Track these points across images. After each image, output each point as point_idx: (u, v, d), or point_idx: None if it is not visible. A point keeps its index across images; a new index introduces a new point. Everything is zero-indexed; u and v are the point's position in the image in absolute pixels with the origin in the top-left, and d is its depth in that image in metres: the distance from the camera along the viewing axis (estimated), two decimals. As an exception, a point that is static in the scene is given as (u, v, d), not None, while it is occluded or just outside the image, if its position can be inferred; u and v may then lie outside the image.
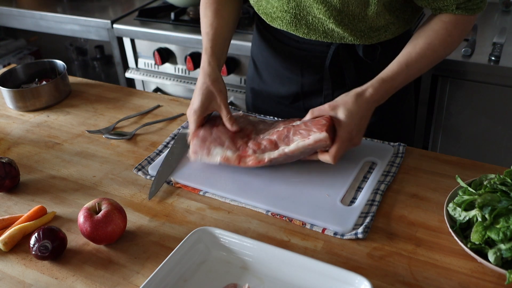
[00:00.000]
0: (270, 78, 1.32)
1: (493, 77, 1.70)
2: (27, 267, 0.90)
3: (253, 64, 1.37)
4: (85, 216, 0.90)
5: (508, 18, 2.00)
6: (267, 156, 1.03)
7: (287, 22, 1.15)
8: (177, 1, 2.23)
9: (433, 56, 1.06)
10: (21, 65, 1.52)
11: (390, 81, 1.03)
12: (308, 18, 1.12)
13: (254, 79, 1.38)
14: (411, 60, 1.04)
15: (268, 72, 1.32)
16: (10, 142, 1.28)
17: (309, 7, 1.09)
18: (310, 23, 1.13)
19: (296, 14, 1.12)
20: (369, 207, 0.96)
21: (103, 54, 2.88)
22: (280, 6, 1.13)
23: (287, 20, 1.15)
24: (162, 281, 0.81)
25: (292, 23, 1.15)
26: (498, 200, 0.82)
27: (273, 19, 1.18)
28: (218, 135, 1.08)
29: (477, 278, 0.82)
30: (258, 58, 1.34)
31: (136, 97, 1.45)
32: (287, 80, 1.28)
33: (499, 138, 1.80)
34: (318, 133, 0.97)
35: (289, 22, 1.15)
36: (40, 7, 2.53)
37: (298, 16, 1.12)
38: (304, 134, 0.99)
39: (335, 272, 0.79)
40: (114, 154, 1.20)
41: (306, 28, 1.14)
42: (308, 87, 1.26)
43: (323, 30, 1.13)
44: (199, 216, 0.99)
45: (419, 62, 1.04)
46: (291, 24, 1.15)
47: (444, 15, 1.05)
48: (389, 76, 1.03)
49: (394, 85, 1.04)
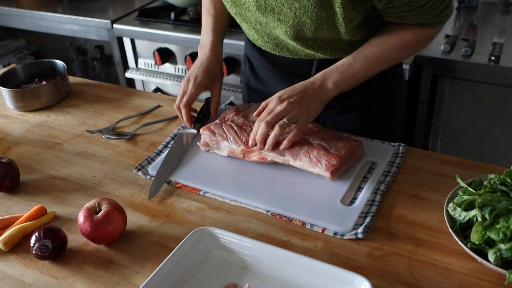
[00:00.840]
0: (265, 77, 1.34)
1: (493, 77, 1.70)
2: (27, 267, 0.90)
3: (248, 62, 1.39)
4: (85, 216, 0.90)
5: (508, 18, 2.00)
6: (271, 157, 1.05)
7: (270, 48, 1.22)
8: (177, 1, 2.23)
9: (384, 57, 1.08)
10: (21, 65, 1.52)
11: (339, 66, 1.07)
12: (288, 47, 1.18)
13: (249, 77, 1.40)
14: (360, 54, 1.08)
15: (262, 72, 1.35)
16: (10, 142, 1.28)
17: (285, 41, 1.15)
18: (291, 49, 1.18)
19: (276, 44, 1.19)
20: (369, 207, 0.96)
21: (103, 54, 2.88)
22: (260, 37, 1.20)
23: (270, 48, 1.22)
24: (162, 281, 0.80)
25: (275, 50, 1.22)
26: (498, 200, 0.82)
27: (257, 42, 1.25)
28: (227, 129, 1.11)
29: (477, 278, 0.82)
30: (251, 56, 1.37)
31: (136, 97, 1.45)
32: (281, 79, 1.30)
33: (499, 138, 1.80)
34: (324, 169, 1.00)
35: (271, 49, 1.22)
36: (40, 7, 2.53)
37: (279, 45, 1.19)
38: (313, 161, 1.02)
39: (335, 272, 0.79)
40: (114, 154, 1.20)
41: (288, 53, 1.20)
42: None
43: (305, 54, 1.18)
44: (199, 216, 0.99)
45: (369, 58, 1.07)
46: (274, 50, 1.22)
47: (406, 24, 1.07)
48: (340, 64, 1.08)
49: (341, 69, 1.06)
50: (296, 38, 1.11)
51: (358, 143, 1.05)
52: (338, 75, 1.06)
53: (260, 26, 1.15)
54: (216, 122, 1.14)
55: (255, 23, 1.15)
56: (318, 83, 1.05)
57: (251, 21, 1.15)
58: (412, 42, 1.08)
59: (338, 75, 1.06)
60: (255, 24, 1.15)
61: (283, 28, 1.09)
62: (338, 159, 1.00)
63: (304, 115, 1.02)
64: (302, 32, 1.08)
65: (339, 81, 1.06)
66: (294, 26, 1.07)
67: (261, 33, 1.18)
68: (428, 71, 1.79)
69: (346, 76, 1.06)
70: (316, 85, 1.05)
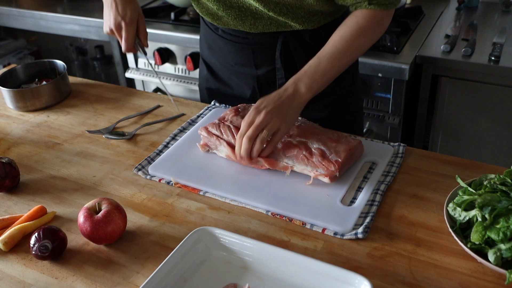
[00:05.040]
0: (226, 76, 1.36)
1: (493, 77, 1.70)
2: (27, 267, 0.90)
3: (205, 65, 1.41)
4: (85, 216, 0.90)
5: (508, 18, 2.00)
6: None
7: (232, 18, 1.22)
8: (177, 1, 2.23)
9: (346, 48, 1.12)
10: (21, 65, 1.52)
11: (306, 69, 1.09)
12: (251, 9, 1.18)
13: (208, 80, 1.42)
14: (323, 52, 1.11)
15: (222, 71, 1.36)
16: (10, 142, 1.28)
17: (248, 3, 1.16)
18: (254, 12, 1.19)
19: (240, 7, 1.19)
20: (369, 207, 0.96)
21: (103, 54, 2.88)
22: (222, 4, 1.20)
23: (233, 16, 1.21)
24: (162, 281, 0.81)
25: (238, 17, 1.21)
26: (498, 200, 0.82)
27: (218, 17, 1.24)
28: (225, 131, 1.11)
29: (477, 278, 0.82)
30: (209, 59, 1.39)
31: (136, 97, 1.45)
32: (243, 76, 1.32)
33: (499, 138, 1.80)
34: (323, 175, 1.01)
35: (234, 18, 1.21)
36: (40, 7, 2.53)
37: (242, 9, 1.19)
38: (313, 168, 1.02)
39: (335, 272, 0.79)
40: (114, 154, 1.20)
41: (252, 18, 1.20)
42: (264, 79, 1.31)
43: (268, 17, 1.19)
44: (199, 216, 0.99)
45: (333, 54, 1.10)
46: (237, 19, 1.21)
47: (358, 10, 1.13)
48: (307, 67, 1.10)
49: (309, 72, 1.09)
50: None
51: (357, 143, 1.06)
52: (308, 78, 1.08)
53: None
54: (215, 122, 1.14)
55: None
56: (291, 90, 1.07)
57: None
58: (367, 26, 1.12)
59: (308, 78, 1.08)
60: None
61: None
62: (337, 165, 1.00)
63: (282, 124, 1.03)
64: None
65: (311, 84, 1.08)
66: None
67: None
68: (428, 71, 1.79)
69: (316, 77, 1.09)
70: (289, 92, 1.07)
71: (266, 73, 1.30)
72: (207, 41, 1.37)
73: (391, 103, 1.84)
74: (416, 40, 1.87)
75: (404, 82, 1.77)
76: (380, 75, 1.76)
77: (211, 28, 1.33)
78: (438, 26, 1.98)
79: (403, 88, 1.79)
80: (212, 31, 1.32)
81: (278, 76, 1.29)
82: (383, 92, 1.83)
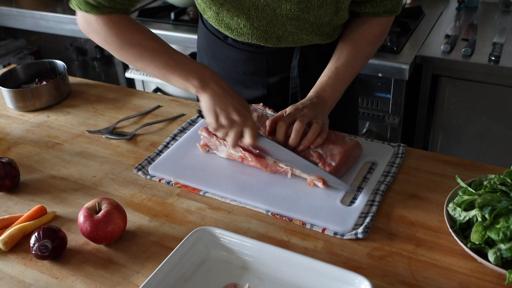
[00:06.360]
0: (231, 84, 1.24)
1: (493, 77, 1.70)
2: (27, 266, 0.90)
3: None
4: (85, 215, 0.90)
5: (508, 18, 2.00)
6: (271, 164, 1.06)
7: (256, 37, 1.17)
8: (177, 1, 2.23)
9: (361, 55, 1.17)
10: (21, 65, 1.52)
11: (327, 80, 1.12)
12: (278, 33, 1.15)
13: None
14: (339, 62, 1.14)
15: (227, 79, 1.26)
16: (10, 142, 1.28)
17: (281, 24, 1.13)
18: (280, 36, 1.16)
19: (266, 31, 1.15)
20: (369, 207, 0.96)
21: (103, 54, 2.88)
22: (249, 24, 1.14)
23: (257, 36, 1.17)
24: (162, 281, 0.81)
25: (262, 38, 1.17)
26: (498, 200, 0.82)
27: (239, 34, 1.18)
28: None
29: (477, 278, 0.82)
30: (210, 67, 1.24)
31: (136, 97, 1.45)
32: (252, 84, 1.28)
33: (499, 138, 1.80)
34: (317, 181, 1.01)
35: (258, 37, 1.17)
36: (40, 7, 2.53)
37: (269, 32, 1.16)
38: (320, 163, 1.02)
39: (335, 272, 0.79)
40: (114, 154, 1.20)
41: (276, 40, 1.18)
42: (274, 88, 1.27)
43: (293, 40, 1.17)
44: (199, 216, 0.99)
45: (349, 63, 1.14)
46: (260, 39, 1.18)
47: (371, 18, 1.17)
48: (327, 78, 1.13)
49: (330, 83, 1.12)
50: (296, 17, 1.11)
51: (354, 143, 1.05)
52: (330, 89, 1.11)
53: (254, 11, 1.10)
54: None
55: (248, 8, 1.10)
56: (316, 100, 1.09)
57: (245, 6, 1.10)
58: (379, 34, 1.19)
59: (330, 89, 1.11)
60: (248, 9, 1.10)
61: (287, 5, 1.08)
62: (330, 168, 1.00)
63: (324, 120, 1.06)
64: (306, 9, 1.08)
65: (333, 93, 1.11)
66: (300, 3, 1.07)
67: (252, 19, 1.12)
68: (428, 71, 1.79)
69: (337, 87, 1.13)
70: (315, 101, 1.08)
71: (278, 81, 1.25)
72: (210, 49, 1.29)
73: (391, 103, 1.84)
74: (416, 40, 1.87)
75: (404, 82, 1.77)
76: (380, 75, 1.76)
77: (218, 37, 1.24)
78: (438, 26, 1.98)
79: (403, 88, 1.79)
80: (220, 39, 1.24)
81: (292, 85, 1.25)
82: (383, 92, 1.83)
